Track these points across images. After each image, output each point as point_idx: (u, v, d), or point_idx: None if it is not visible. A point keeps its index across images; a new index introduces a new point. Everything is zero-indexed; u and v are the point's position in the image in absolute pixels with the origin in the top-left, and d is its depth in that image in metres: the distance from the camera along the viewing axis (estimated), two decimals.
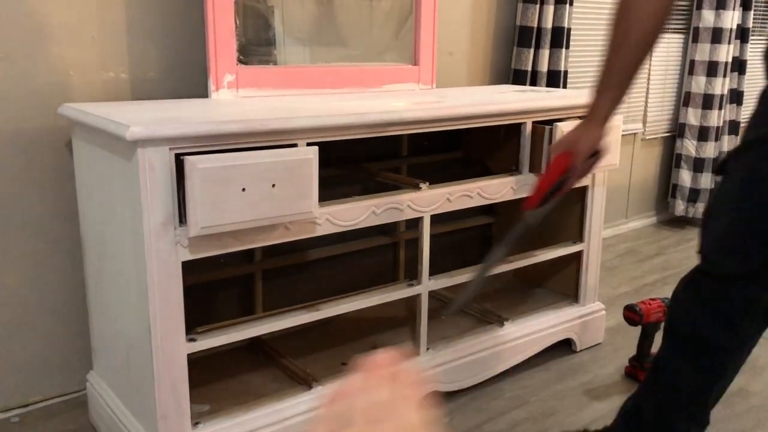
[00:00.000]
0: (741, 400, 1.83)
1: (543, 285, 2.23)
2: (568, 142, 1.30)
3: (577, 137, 1.28)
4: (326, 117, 1.41)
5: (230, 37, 1.70)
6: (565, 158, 1.29)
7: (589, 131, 1.27)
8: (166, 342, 1.30)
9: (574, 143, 1.28)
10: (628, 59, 1.21)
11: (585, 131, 1.28)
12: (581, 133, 1.28)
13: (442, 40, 2.25)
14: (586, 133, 1.28)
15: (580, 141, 1.28)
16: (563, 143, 1.31)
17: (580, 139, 1.28)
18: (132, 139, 1.18)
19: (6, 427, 1.64)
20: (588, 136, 1.27)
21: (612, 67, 1.22)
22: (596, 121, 1.27)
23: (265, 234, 1.37)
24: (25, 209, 1.63)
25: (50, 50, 1.60)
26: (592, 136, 1.27)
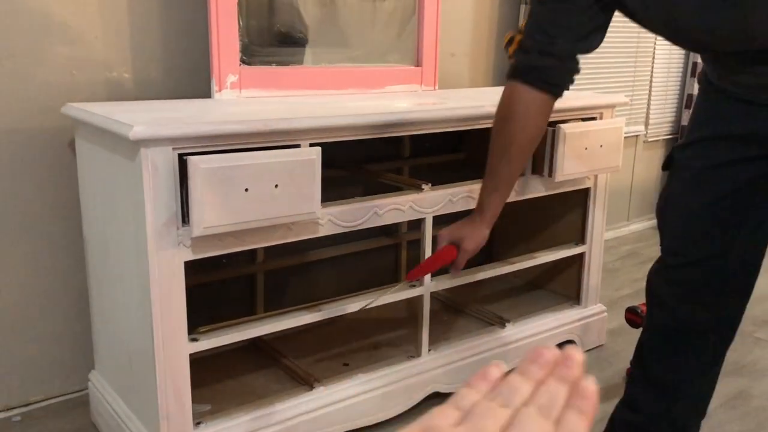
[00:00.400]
0: (743, 403, 1.82)
1: (544, 287, 2.23)
2: (456, 237, 1.37)
3: (465, 235, 1.36)
4: (329, 118, 1.41)
5: (233, 38, 1.70)
6: (451, 252, 1.37)
7: (476, 230, 1.36)
8: (168, 342, 1.30)
9: (461, 240, 1.36)
10: (510, 166, 1.31)
11: (472, 230, 1.36)
12: (469, 231, 1.36)
13: (445, 41, 2.25)
14: (473, 231, 1.36)
15: (467, 239, 1.35)
16: (451, 236, 1.37)
17: (467, 237, 1.36)
18: (135, 138, 1.18)
19: (7, 426, 1.64)
20: (475, 235, 1.36)
21: (496, 172, 1.32)
22: (483, 220, 1.36)
23: (268, 234, 1.38)
24: (28, 208, 1.63)
25: (53, 49, 1.60)
26: (479, 236, 1.36)
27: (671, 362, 1.33)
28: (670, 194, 1.31)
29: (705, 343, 1.31)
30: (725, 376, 1.94)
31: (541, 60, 1.22)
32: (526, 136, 1.27)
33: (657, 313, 1.34)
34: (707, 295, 1.27)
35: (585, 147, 1.81)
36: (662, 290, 1.32)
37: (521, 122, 1.26)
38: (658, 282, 1.33)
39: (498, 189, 1.34)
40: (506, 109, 1.27)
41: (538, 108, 1.26)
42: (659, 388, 1.34)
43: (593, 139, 1.82)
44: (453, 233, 1.37)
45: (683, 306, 1.29)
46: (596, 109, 1.92)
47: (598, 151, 1.83)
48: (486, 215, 1.36)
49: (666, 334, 1.33)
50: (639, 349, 1.40)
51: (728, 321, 1.32)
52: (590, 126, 1.82)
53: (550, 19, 1.20)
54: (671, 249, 1.30)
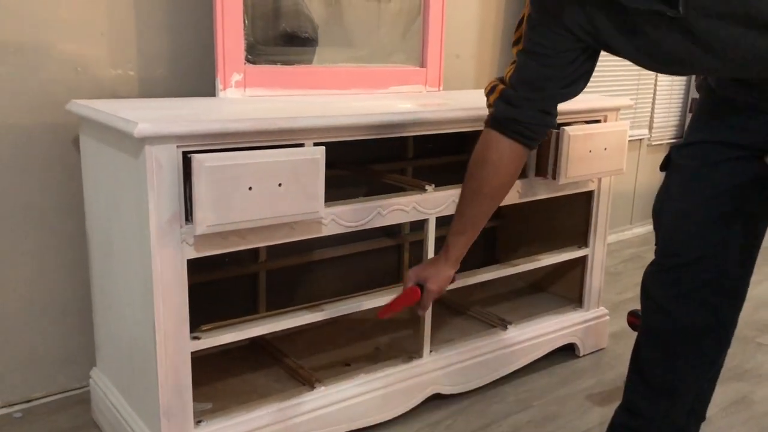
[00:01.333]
0: (744, 408, 1.82)
1: (547, 289, 2.23)
2: (420, 277, 1.43)
3: (430, 275, 1.42)
4: (333, 117, 1.41)
5: (238, 37, 1.70)
6: (416, 293, 1.43)
7: (440, 271, 1.42)
8: (170, 339, 1.30)
9: (426, 280, 1.42)
10: (478, 209, 1.36)
11: (437, 271, 1.42)
12: (433, 272, 1.42)
13: (450, 42, 2.25)
14: (437, 272, 1.42)
15: (430, 280, 1.42)
16: (417, 276, 1.43)
17: (431, 278, 1.42)
18: (140, 136, 1.18)
19: (8, 422, 1.64)
20: (440, 276, 1.42)
21: (464, 215, 1.37)
22: (447, 261, 1.42)
23: (271, 233, 1.38)
24: (31, 205, 1.64)
25: (59, 46, 1.60)
26: (443, 276, 1.42)
27: (669, 365, 1.32)
28: (665, 195, 1.31)
29: (702, 345, 1.31)
30: (727, 382, 1.94)
31: (522, 113, 1.26)
32: (497, 182, 1.33)
33: (653, 316, 1.33)
34: (703, 296, 1.27)
35: (589, 150, 1.81)
36: (657, 292, 1.31)
37: (494, 169, 1.31)
38: (652, 284, 1.33)
39: (464, 232, 1.39)
40: (481, 155, 1.32)
41: (512, 157, 1.30)
42: (657, 392, 1.34)
43: (597, 141, 1.82)
44: (418, 274, 1.43)
45: (679, 308, 1.28)
46: (601, 111, 1.92)
47: (602, 154, 1.83)
48: (450, 256, 1.41)
49: (663, 336, 1.32)
50: (636, 352, 1.39)
51: (725, 322, 1.31)
52: (594, 129, 1.82)
53: (537, 73, 1.22)
54: (665, 250, 1.30)
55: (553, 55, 1.20)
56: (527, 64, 1.24)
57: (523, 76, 1.25)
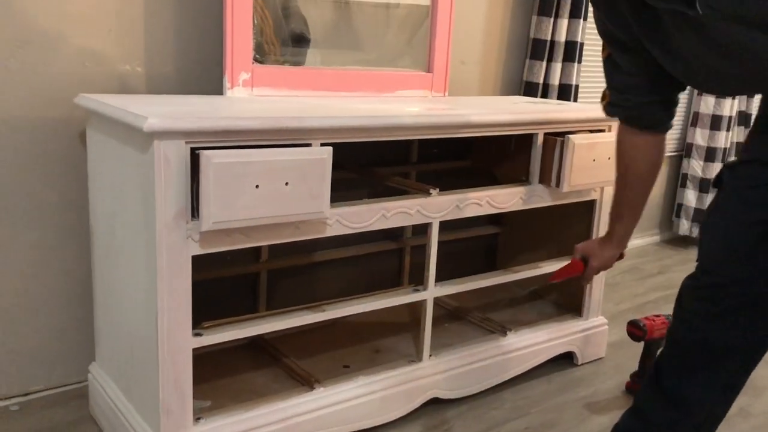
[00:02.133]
0: (742, 421, 1.82)
1: (547, 297, 2.23)
2: (586, 253, 1.57)
3: (594, 253, 1.55)
4: (341, 118, 1.42)
5: (247, 36, 1.71)
6: (578, 265, 1.58)
7: (605, 251, 1.54)
8: (172, 336, 1.30)
9: (590, 257, 1.56)
10: (630, 194, 1.42)
11: (601, 250, 1.55)
12: (598, 251, 1.55)
13: (456, 48, 2.26)
14: (601, 252, 1.55)
15: (593, 257, 1.55)
16: (583, 251, 1.58)
17: (594, 255, 1.55)
18: (149, 130, 1.18)
19: (6, 414, 1.63)
20: (602, 255, 1.55)
21: (619, 200, 1.45)
22: (613, 242, 1.52)
23: (276, 232, 1.38)
24: (35, 197, 1.64)
25: (67, 40, 1.60)
26: (606, 256, 1.55)
27: (687, 378, 1.30)
28: (713, 212, 1.29)
29: (726, 366, 1.28)
30: None
31: (629, 111, 1.34)
32: (640, 169, 1.38)
33: (682, 328, 1.31)
34: (735, 318, 1.24)
35: (593, 159, 1.81)
36: (690, 306, 1.29)
37: (632, 158, 1.38)
38: (687, 297, 1.31)
39: (621, 216, 1.47)
40: (619, 147, 1.40)
41: (645, 144, 1.36)
42: (670, 401, 1.32)
43: (601, 151, 1.83)
44: (585, 249, 1.57)
45: (709, 326, 1.26)
46: (605, 121, 1.93)
47: (605, 164, 1.84)
48: (612, 239, 1.52)
49: (687, 350, 1.30)
50: (659, 359, 1.37)
51: (753, 347, 1.28)
52: (598, 138, 1.83)
53: (620, 79, 1.31)
54: (705, 267, 1.28)
55: (622, 61, 1.27)
56: (608, 70, 1.34)
57: (611, 83, 1.35)
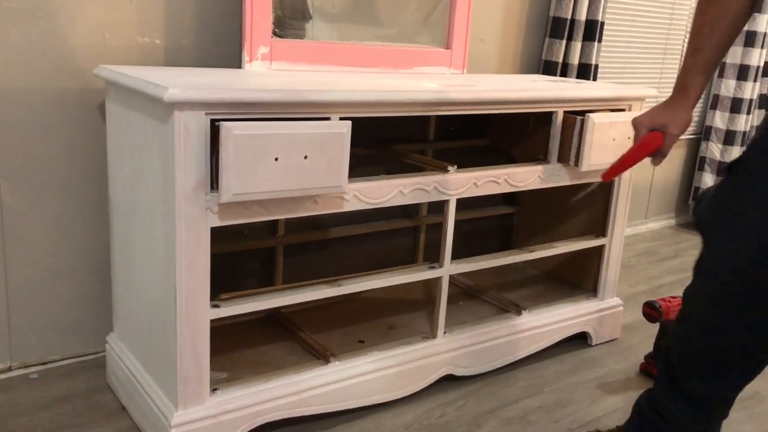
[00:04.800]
0: (756, 404, 1.82)
1: (562, 277, 2.22)
2: (657, 122, 1.29)
3: (669, 119, 1.29)
4: (361, 92, 1.41)
5: (267, 10, 1.70)
6: (657, 139, 1.30)
7: (680, 114, 1.28)
8: (190, 307, 1.31)
9: (666, 126, 1.29)
10: (718, 41, 1.21)
11: (676, 114, 1.28)
12: (673, 115, 1.29)
13: (475, 26, 2.23)
14: (677, 115, 1.28)
15: (672, 124, 1.28)
16: (652, 122, 1.30)
17: (672, 121, 1.28)
18: (170, 101, 1.18)
19: (25, 382, 1.65)
20: (680, 119, 1.28)
21: (704, 49, 1.23)
22: (687, 103, 1.28)
23: (294, 206, 1.38)
24: (54, 168, 1.64)
25: (87, 11, 1.60)
26: (683, 119, 1.28)
27: (711, 381, 1.26)
28: (729, 202, 1.18)
29: (743, 367, 1.24)
30: None
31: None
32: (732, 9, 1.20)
33: (695, 327, 1.26)
34: (752, 319, 1.18)
35: (612, 138, 1.80)
36: (703, 306, 1.23)
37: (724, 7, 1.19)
38: (699, 296, 1.24)
39: (704, 69, 1.25)
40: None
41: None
42: (692, 400, 1.29)
43: (621, 130, 1.81)
44: (653, 119, 1.30)
45: (724, 327, 1.20)
46: (625, 100, 1.90)
47: (625, 143, 1.82)
48: (690, 96, 1.27)
49: (702, 351, 1.25)
50: (667, 356, 1.32)
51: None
52: (619, 117, 1.81)
53: None
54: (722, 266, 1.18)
55: None
56: None
57: None
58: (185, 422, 1.35)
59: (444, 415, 1.66)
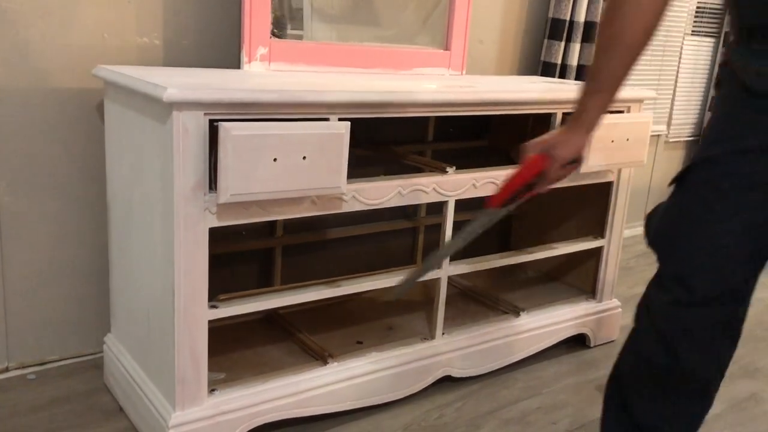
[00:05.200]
0: (754, 405, 1.82)
1: (560, 279, 2.22)
2: (547, 144, 1.20)
3: (558, 142, 1.19)
4: (359, 93, 1.41)
5: (265, 10, 1.70)
6: (540, 161, 1.19)
7: (571, 137, 1.18)
8: (188, 307, 1.31)
9: (553, 148, 1.18)
10: (618, 62, 1.13)
11: (567, 137, 1.18)
12: (563, 138, 1.19)
13: (473, 27, 2.24)
14: (568, 139, 1.18)
15: (559, 146, 1.18)
16: (541, 145, 1.20)
17: (560, 144, 1.18)
18: (169, 101, 1.18)
19: (23, 382, 1.65)
20: (570, 142, 1.18)
21: (601, 71, 1.15)
22: (581, 127, 1.18)
23: (293, 206, 1.38)
24: (52, 168, 1.64)
25: (86, 11, 1.60)
26: (574, 143, 1.18)
27: (661, 407, 1.19)
28: (686, 216, 1.13)
29: (704, 393, 1.19)
30: (738, 379, 1.94)
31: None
32: (640, 25, 1.10)
33: (653, 347, 1.18)
34: (711, 338, 1.13)
35: (611, 140, 1.80)
36: (665, 325, 1.16)
37: (636, 6, 1.10)
38: (661, 314, 1.16)
39: (600, 90, 1.15)
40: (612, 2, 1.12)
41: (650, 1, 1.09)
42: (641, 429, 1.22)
43: (620, 132, 1.81)
44: (541, 142, 1.21)
45: (686, 348, 1.14)
46: (624, 102, 1.91)
47: (623, 145, 1.82)
48: (584, 120, 1.17)
49: (659, 372, 1.18)
50: (619, 380, 1.26)
51: (723, 369, 1.20)
52: (618, 119, 1.81)
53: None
54: (683, 281, 1.12)
55: None
56: None
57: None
58: (183, 423, 1.35)
59: (442, 416, 1.66)
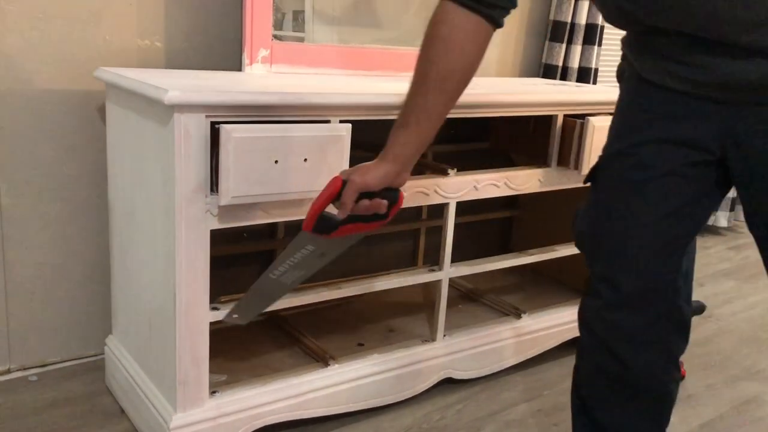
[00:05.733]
0: (756, 408, 1.82)
1: (562, 281, 2.22)
2: (350, 170, 1.12)
3: (359, 168, 1.11)
4: (361, 95, 1.41)
5: (267, 12, 1.70)
6: (336, 182, 1.10)
7: (373, 167, 1.10)
8: (190, 309, 1.31)
9: (352, 173, 1.09)
10: (424, 99, 1.07)
11: (370, 165, 1.10)
12: (366, 165, 1.11)
13: None
14: (370, 167, 1.10)
15: (358, 172, 1.09)
16: (347, 171, 1.12)
17: (360, 170, 1.09)
18: (170, 103, 1.18)
19: (24, 384, 1.65)
20: (369, 170, 1.09)
21: (408, 105, 1.09)
22: (390, 158, 1.10)
23: (294, 208, 1.38)
24: (54, 171, 1.64)
25: (88, 13, 1.60)
26: (373, 173, 1.09)
27: (621, 413, 1.18)
28: (603, 213, 1.12)
29: (664, 393, 1.18)
30: (740, 381, 1.94)
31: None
32: (448, 65, 1.05)
33: (598, 356, 1.17)
34: (654, 336, 1.12)
35: None
36: (601, 331, 1.15)
37: (444, 47, 1.04)
38: (595, 320, 1.15)
39: (406, 125, 1.09)
40: (430, 31, 1.06)
41: (467, 31, 1.05)
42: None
43: None
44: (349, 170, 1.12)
45: (628, 350, 1.12)
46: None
47: None
48: (389, 152, 1.10)
49: (611, 380, 1.17)
50: (579, 391, 1.26)
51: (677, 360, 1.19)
52: None
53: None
54: (610, 281, 1.11)
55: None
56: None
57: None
58: (184, 425, 1.35)
59: (443, 418, 1.66)
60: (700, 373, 1.99)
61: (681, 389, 1.88)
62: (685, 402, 1.82)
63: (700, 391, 1.89)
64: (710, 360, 2.08)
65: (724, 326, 2.34)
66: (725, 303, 2.55)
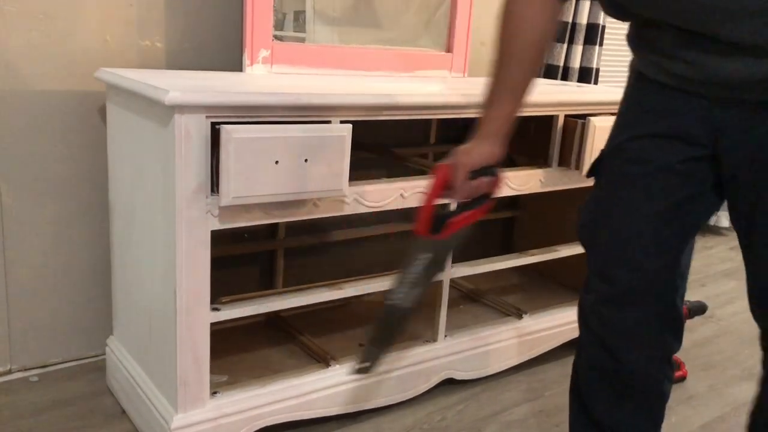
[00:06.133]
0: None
1: (563, 281, 2.22)
2: (452, 154, 1.15)
3: (460, 150, 1.14)
4: (362, 95, 1.41)
5: (268, 13, 1.70)
6: (444, 170, 1.13)
7: (474, 146, 1.14)
8: (190, 309, 1.31)
9: (455, 156, 1.14)
10: (508, 74, 1.12)
11: (470, 146, 1.14)
12: (467, 147, 1.14)
13: (476, 29, 2.23)
14: (471, 147, 1.14)
15: (461, 154, 1.14)
16: (449, 156, 1.16)
17: (462, 152, 1.14)
18: (170, 104, 1.18)
19: (26, 385, 1.65)
20: (472, 150, 1.13)
21: (498, 79, 1.13)
22: (485, 135, 1.14)
23: (294, 209, 1.38)
24: (55, 171, 1.64)
25: (88, 13, 1.60)
26: (476, 151, 1.13)
27: (617, 409, 1.19)
28: (601, 207, 1.13)
29: (659, 392, 1.18)
30: (744, 381, 1.93)
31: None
32: (526, 38, 1.10)
33: (595, 352, 1.18)
34: (649, 333, 1.13)
35: None
36: (598, 327, 1.16)
37: (520, 22, 1.10)
38: (591, 316, 1.17)
39: (493, 102, 1.14)
40: (505, 8, 1.12)
41: (537, 10, 1.09)
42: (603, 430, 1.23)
43: None
44: (452, 153, 1.16)
45: (623, 346, 1.13)
46: None
47: None
48: (484, 129, 1.14)
49: (608, 376, 1.18)
50: (576, 385, 1.27)
51: (670, 363, 1.19)
52: None
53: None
54: (606, 277, 1.12)
55: None
56: None
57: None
58: (185, 425, 1.35)
59: (444, 419, 1.66)
60: (701, 373, 1.99)
61: (682, 390, 1.88)
62: (685, 402, 1.82)
63: (701, 391, 1.89)
64: (711, 360, 2.08)
65: (725, 327, 2.34)
66: (726, 303, 2.55)
